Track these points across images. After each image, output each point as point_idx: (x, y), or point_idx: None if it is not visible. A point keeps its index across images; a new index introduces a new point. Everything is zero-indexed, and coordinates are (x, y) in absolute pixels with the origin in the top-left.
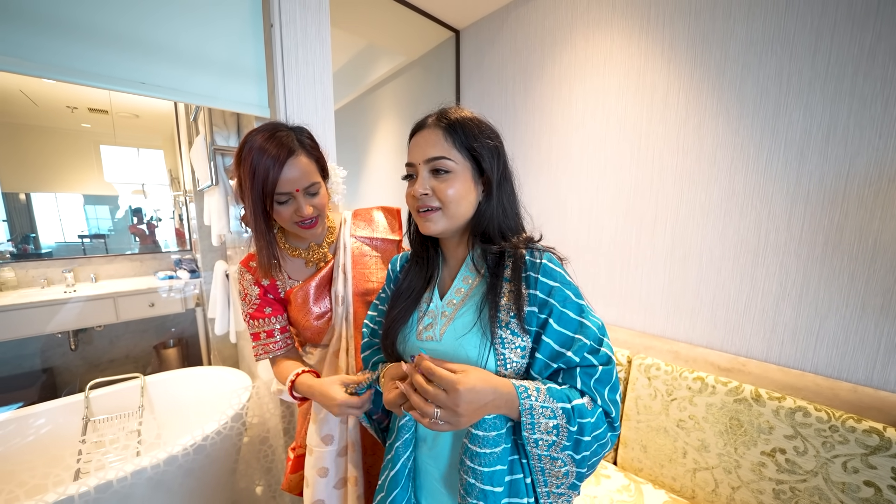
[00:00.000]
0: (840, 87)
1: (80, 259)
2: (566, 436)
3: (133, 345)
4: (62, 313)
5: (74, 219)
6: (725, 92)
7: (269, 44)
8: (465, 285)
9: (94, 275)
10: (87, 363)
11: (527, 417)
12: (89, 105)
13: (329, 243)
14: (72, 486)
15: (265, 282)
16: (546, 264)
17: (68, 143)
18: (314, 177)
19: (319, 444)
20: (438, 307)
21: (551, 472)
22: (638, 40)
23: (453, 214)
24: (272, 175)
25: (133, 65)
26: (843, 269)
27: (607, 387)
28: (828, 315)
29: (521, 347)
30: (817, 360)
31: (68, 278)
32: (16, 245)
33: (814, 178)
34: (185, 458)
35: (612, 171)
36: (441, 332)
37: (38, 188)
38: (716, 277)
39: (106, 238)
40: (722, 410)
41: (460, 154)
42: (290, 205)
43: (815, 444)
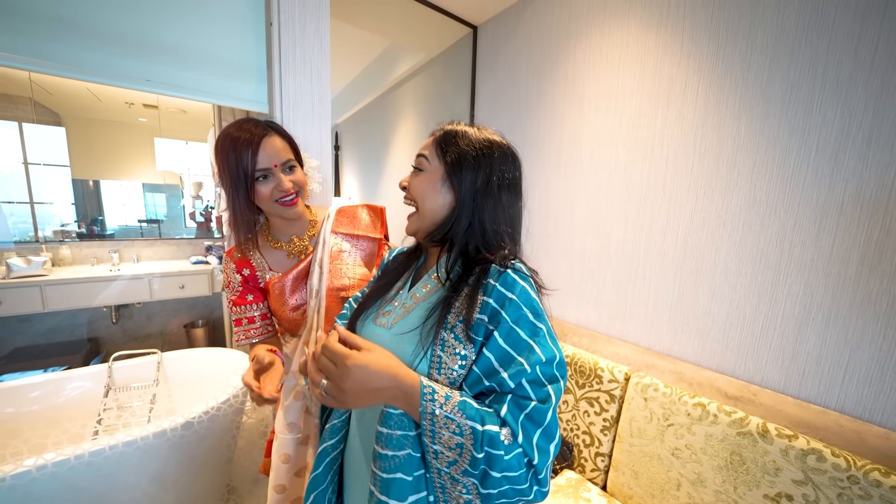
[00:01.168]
0: (888, 81)
1: (125, 241)
2: (469, 460)
3: (166, 322)
4: (108, 290)
5: (135, 205)
6: (750, 88)
7: (269, 42)
8: (433, 282)
9: (136, 256)
10: (126, 336)
11: (427, 423)
12: (143, 101)
13: (311, 236)
14: (68, 449)
15: (246, 271)
16: (509, 274)
17: (128, 135)
18: (289, 154)
19: (283, 431)
20: (402, 298)
21: (451, 494)
22: (656, 32)
23: (424, 215)
24: (251, 152)
25: (138, 63)
26: (882, 294)
27: (539, 430)
28: (860, 345)
29: (460, 356)
30: (844, 397)
31: (114, 258)
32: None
33: (850, 186)
34: (173, 433)
35: (622, 174)
36: (393, 321)
37: (104, 175)
38: (730, 294)
39: (160, 223)
40: (723, 443)
41: (437, 157)
42: (270, 181)
43: (829, 494)
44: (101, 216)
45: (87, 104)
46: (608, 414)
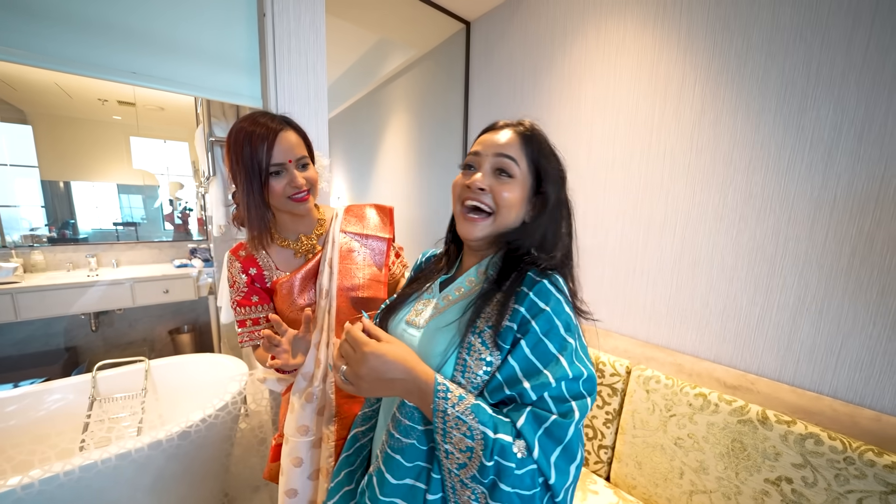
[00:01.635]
0: (878, 78)
1: (103, 245)
2: (478, 466)
3: (150, 329)
4: (85, 296)
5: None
6: (746, 84)
7: (262, 34)
8: (467, 286)
9: (115, 260)
10: (107, 344)
11: (438, 421)
12: (118, 98)
13: (318, 235)
14: (57, 464)
15: (252, 270)
16: (545, 285)
17: (101, 134)
18: (304, 150)
19: (295, 434)
20: (435, 299)
21: (461, 498)
22: (653, 28)
23: (501, 223)
24: (266, 146)
25: (124, 54)
26: (873, 284)
27: (558, 447)
28: (851, 333)
29: (486, 361)
30: (837, 383)
31: (91, 263)
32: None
33: (842, 181)
34: (169, 443)
35: (619, 170)
36: (425, 320)
37: (76, 177)
38: (727, 287)
39: (137, 226)
40: (724, 431)
41: (526, 165)
42: (284, 177)
43: (826, 475)
44: (73, 219)
45: (55, 101)
46: (610, 407)
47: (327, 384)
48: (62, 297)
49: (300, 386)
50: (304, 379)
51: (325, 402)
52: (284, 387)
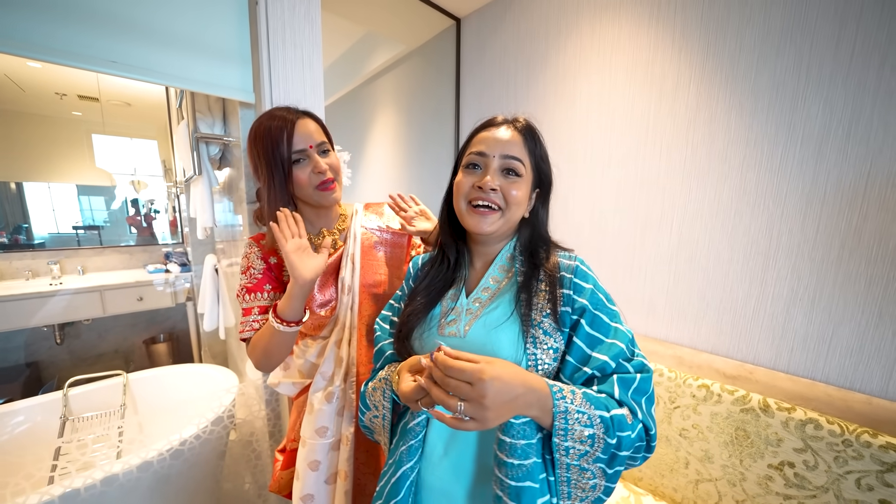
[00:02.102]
0: (864, 80)
1: (66, 251)
2: (602, 447)
3: (122, 339)
4: (48, 306)
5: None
6: (739, 84)
7: (254, 23)
8: (494, 284)
9: (81, 267)
10: (73, 357)
11: (560, 422)
12: (79, 92)
13: (340, 230)
14: (32, 497)
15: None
16: (580, 266)
17: (59, 131)
18: (323, 137)
19: (313, 437)
20: (464, 304)
21: (578, 483)
22: (647, 28)
23: (510, 218)
24: (286, 135)
25: (104, 42)
26: (861, 274)
27: (644, 397)
28: (842, 322)
29: (553, 349)
30: (829, 370)
31: (54, 270)
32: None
33: (832, 177)
34: (160, 463)
35: (616, 167)
36: (466, 328)
37: (29, 177)
38: (723, 280)
39: (100, 229)
40: (728, 420)
41: (530, 163)
42: (307, 164)
43: (826, 458)
44: (27, 223)
45: (6, 94)
46: None
47: (348, 383)
48: (21, 308)
49: (319, 385)
50: (323, 378)
51: (344, 403)
52: (297, 390)
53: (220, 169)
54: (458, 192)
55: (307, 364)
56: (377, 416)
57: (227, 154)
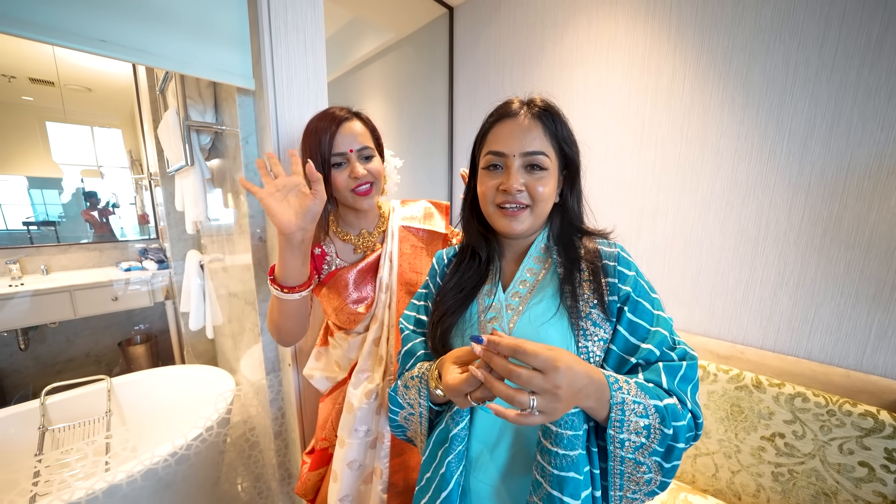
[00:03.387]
0: (846, 78)
1: (27, 248)
2: (658, 439)
3: (94, 342)
4: (6, 309)
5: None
6: (732, 80)
7: (254, 4)
8: (531, 276)
9: (45, 266)
10: (40, 364)
11: (617, 413)
12: (30, 74)
13: (381, 232)
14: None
15: (317, 250)
16: (621, 254)
17: (6, 117)
18: (368, 142)
19: (352, 436)
20: (502, 300)
21: (632, 477)
22: (644, 24)
23: (540, 213)
24: (328, 136)
25: (92, 19)
26: (840, 259)
27: (690, 385)
28: (823, 303)
29: (603, 340)
30: (811, 347)
31: (13, 270)
32: None
33: (816, 168)
34: (165, 470)
35: (612, 160)
36: (510, 325)
37: None
38: (715, 267)
39: (57, 225)
40: (723, 398)
41: (553, 150)
42: (345, 168)
43: (813, 427)
44: None
45: None
46: None
47: (386, 381)
48: None
49: (359, 383)
50: (362, 376)
51: (383, 400)
52: (331, 385)
53: (209, 159)
54: (483, 198)
55: (345, 358)
56: (413, 413)
57: (217, 143)
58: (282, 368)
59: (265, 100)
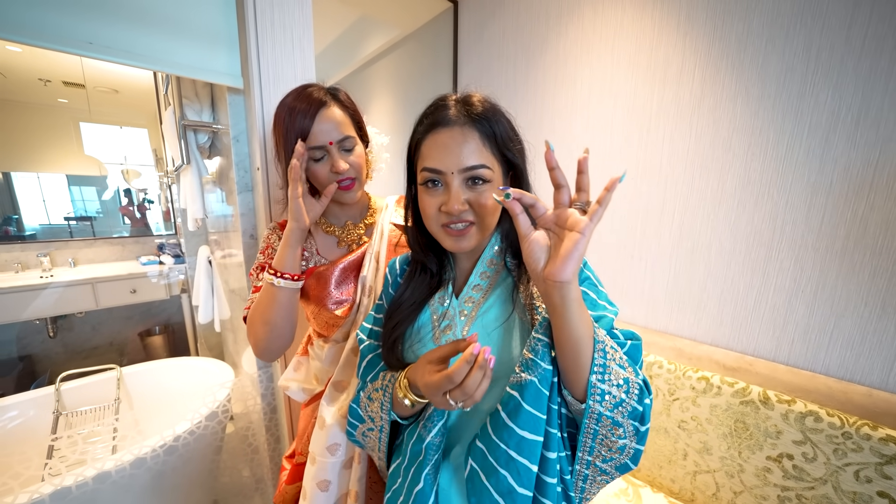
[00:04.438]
0: (876, 65)
1: (57, 243)
2: (637, 395)
3: (116, 332)
4: (39, 299)
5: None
6: (746, 70)
7: (241, 4)
8: (484, 281)
9: (72, 259)
10: (67, 350)
11: (599, 357)
12: (63, 78)
13: (367, 225)
14: (22, 496)
15: None
16: None
17: (45, 119)
18: (349, 130)
19: (324, 454)
20: (455, 307)
21: (606, 439)
22: (652, 11)
23: (487, 226)
24: (304, 127)
25: (78, 21)
26: (865, 265)
27: (637, 366)
28: (844, 314)
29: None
30: (829, 362)
31: (44, 263)
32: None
33: (839, 165)
34: (154, 460)
35: (617, 155)
36: (464, 332)
37: (17, 167)
38: (725, 271)
39: (93, 220)
40: (727, 412)
41: (495, 158)
42: (325, 161)
43: (825, 450)
44: (17, 214)
45: None
46: None
47: None
48: (11, 302)
49: (334, 397)
50: (337, 390)
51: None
52: (308, 397)
53: (209, 158)
54: (426, 217)
55: (322, 370)
56: (372, 429)
57: (216, 142)
58: (271, 364)
59: (252, 98)
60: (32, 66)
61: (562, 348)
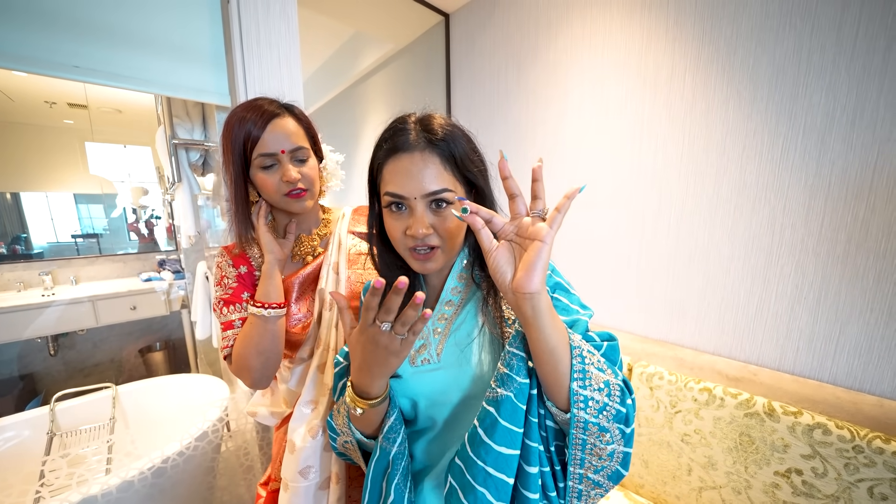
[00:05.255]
0: (869, 64)
1: (59, 261)
2: (619, 397)
3: (118, 349)
4: (41, 318)
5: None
6: (737, 73)
7: (227, 23)
8: (455, 296)
9: (74, 277)
10: (69, 368)
11: (577, 363)
12: (68, 100)
13: (321, 236)
14: None
15: (243, 269)
16: None
17: (53, 140)
18: (302, 141)
19: (296, 479)
20: (429, 326)
21: (595, 448)
22: (640, 17)
23: (453, 247)
24: (254, 135)
25: (66, 46)
26: (869, 270)
27: (615, 366)
28: (849, 320)
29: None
30: (836, 370)
31: (46, 281)
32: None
33: (836, 168)
34: (142, 483)
35: (610, 163)
36: (438, 350)
37: (25, 187)
38: (724, 278)
39: (99, 237)
40: (731, 425)
41: (457, 180)
42: (276, 170)
43: (836, 465)
44: (25, 233)
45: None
46: None
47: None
48: (13, 321)
49: (302, 419)
50: (305, 409)
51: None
52: (278, 421)
53: (203, 175)
54: (393, 240)
55: (290, 392)
56: (348, 441)
57: (209, 160)
58: None
59: None
60: (38, 89)
61: (539, 359)
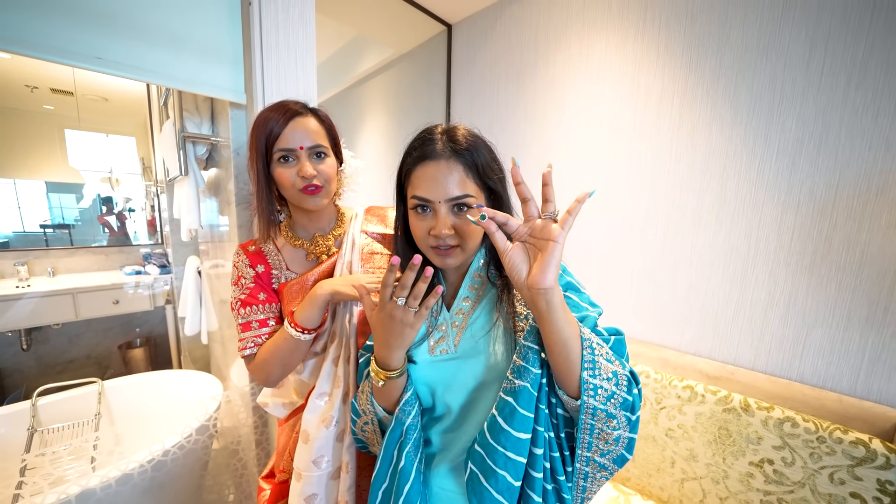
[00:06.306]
0: (832, 97)
1: (35, 251)
2: (626, 387)
3: (95, 344)
4: (12, 310)
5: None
6: (720, 98)
7: (247, 24)
8: (472, 293)
9: (51, 268)
10: (41, 364)
11: (587, 354)
12: (51, 85)
13: (336, 236)
14: None
15: (260, 268)
16: None
17: (28, 125)
18: (322, 140)
19: (310, 468)
20: (447, 319)
21: (602, 433)
22: (633, 43)
23: (471, 247)
24: (276, 131)
25: (89, 37)
26: (831, 280)
27: (622, 359)
28: (814, 325)
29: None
30: (803, 370)
31: (21, 272)
32: None
33: (804, 187)
34: (141, 476)
35: (602, 177)
36: (455, 342)
37: None
38: (705, 285)
39: (71, 228)
40: (711, 420)
41: (478, 186)
42: (293, 165)
43: (802, 454)
44: None
45: None
46: None
47: (348, 404)
48: None
49: (316, 410)
50: (319, 401)
51: (345, 426)
52: (288, 412)
53: (205, 169)
54: (417, 238)
55: (301, 383)
56: (368, 422)
57: (214, 154)
58: None
59: (254, 113)
60: (20, 72)
61: (552, 350)
